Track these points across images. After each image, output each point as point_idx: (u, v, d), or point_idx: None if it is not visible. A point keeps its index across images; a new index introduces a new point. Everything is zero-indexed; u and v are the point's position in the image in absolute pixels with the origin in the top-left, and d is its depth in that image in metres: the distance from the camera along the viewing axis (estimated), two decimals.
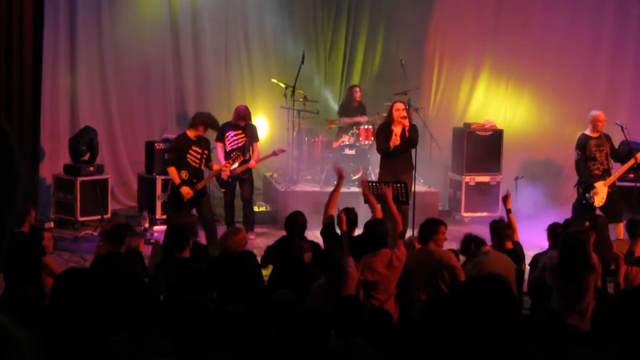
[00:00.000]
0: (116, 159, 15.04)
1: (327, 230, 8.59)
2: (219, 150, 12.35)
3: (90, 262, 8.61)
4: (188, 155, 11.15)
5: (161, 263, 8.32)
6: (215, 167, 11.59)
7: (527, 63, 15.68)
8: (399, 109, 11.55)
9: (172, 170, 11.17)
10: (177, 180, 11.08)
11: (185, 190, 11.03)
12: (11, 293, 7.72)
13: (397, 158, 11.45)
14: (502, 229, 8.46)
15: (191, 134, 11.24)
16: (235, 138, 12.43)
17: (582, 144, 11.60)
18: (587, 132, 11.65)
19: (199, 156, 11.19)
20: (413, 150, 11.55)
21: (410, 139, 11.45)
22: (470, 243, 8.25)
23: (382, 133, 11.68)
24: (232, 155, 12.05)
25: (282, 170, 14.82)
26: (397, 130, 11.50)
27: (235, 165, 11.94)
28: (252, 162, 12.32)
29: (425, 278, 7.73)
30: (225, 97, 15.15)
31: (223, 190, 12.46)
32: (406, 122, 11.42)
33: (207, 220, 11.24)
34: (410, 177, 11.48)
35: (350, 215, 8.68)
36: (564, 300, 7.48)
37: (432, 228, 8.01)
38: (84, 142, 13.42)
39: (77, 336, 3.56)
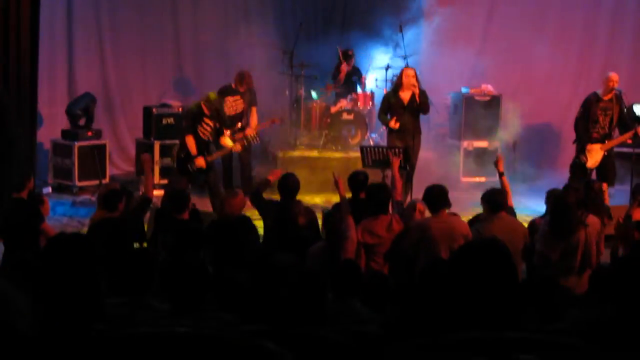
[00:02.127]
0: (114, 124, 15.03)
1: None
2: None
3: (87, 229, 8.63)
4: (200, 128, 11.06)
5: (160, 225, 8.33)
6: (225, 141, 11.35)
7: (526, 26, 15.61)
8: (409, 75, 11.59)
9: (189, 139, 11.00)
10: (194, 152, 10.91)
11: (200, 162, 10.85)
12: (10, 258, 7.73)
13: (407, 124, 11.50)
14: (497, 197, 8.25)
15: (205, 107, 11.11)
16: (234, 103, 12.44)
17: (588, 104, 11.54)
18: (599, 92, 11.58)
19: (209, 129, 11.10)
20: None
21: (422, 105, 11.53)
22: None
23: (387, 102, 11.72)
24: (235, 137, 11.98)
25: (280, 135, 14.78)
26: (405, 95, 11.55)
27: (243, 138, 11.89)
28: (249, 130, 12.29)
29: (445, 247, 7.65)
30: (223, 62, 15.09)
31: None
32: (416, 90, 11.46)
33: (213, 190, 11.15)
34: (419, 142, 11.58)
35: (361, 177, 8.70)
36: (559, 261, 7.50)
37: (444, 196, 7.92)
38: (79, 108, 13.41)
39: (70, 300, 3.57)
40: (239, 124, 12.28)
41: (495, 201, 8.03)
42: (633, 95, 12.86)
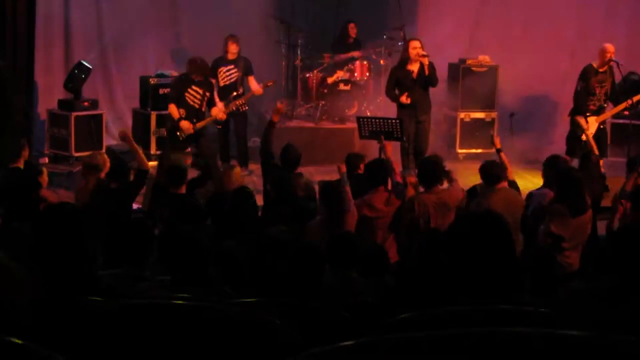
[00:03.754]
0: (111, 93, 14.96)
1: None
2: None
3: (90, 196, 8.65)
4: (186, 94, 11.18)
5: (157, 198, 8.35)
6: (214, 111, 11.52)
7: None
8: (416, 47, 11.56)
9: (171, 107, 11.26)
10: (176, 116, 11.10)
11: (185, 125, 11.04)
12: (7, 229, 7.73)
13: (418, 98, 11.48)
14: (494, 170, 8.28)
15: (192, 74, 11.26)
16: (227, 73, 12.43)
17: (587, 76, 11.54)
18: (595, 64, 11.58)
19: (199, 97, 11.21)
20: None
21: (431, 78, 11.49)
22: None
23: (394, 77, 11.69)
24: (230, 98, 12.03)
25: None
26: (413, 68, 11.52)
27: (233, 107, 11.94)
28: (257, 90, 12.31)
29: (441, 220, 7.70)
30: (220, 31, 15.00)
31: (219, 126, 12.47)
32: (425, 60, 11.44)
33: (207, 157, 11.21)
34: (429, 116, 11.60)
35: (356, 160, 8.77)
36: (571, 238, 7.46)
37: (437, 172, 7.94)
38: (71, 80, 13.34)
39: (65, 271, 3.58)
40: (234, 93, 12.24)
41: (492, 173, 8.06)
42: (630, 66, 12.83)
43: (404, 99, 11.46)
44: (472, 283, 3.33)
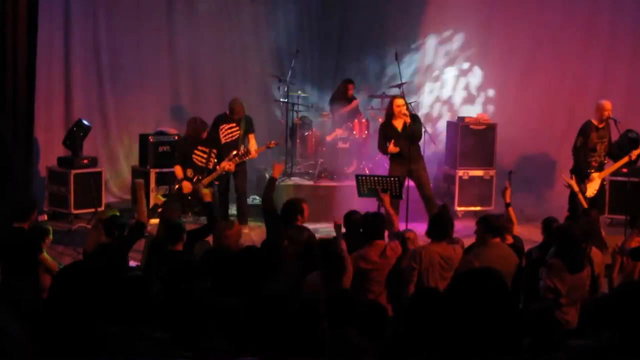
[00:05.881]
0: (110, 151, 15.02)
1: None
2: None
3: (86, 253, 8.62)
4: (194, 155, 11.71)
5: (153, 256, 8.33)
6: (223, 164, 11.80)
7: (521, 57, 15.68)
8: (400, 105, 11.68)
9: (177, 168, 11.83)
10: (180, 176, 11.59)
11: (186, 185, 11.34)
12: (7, 286, 7.72)
13: (404, 150, 11.55)
14: (503, 223, 8.31)
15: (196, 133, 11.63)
16: (229, 131, 12.51)
17: (587, 131, 11.58)
18: (594, 120, 11.64)
19: (205, 156, 11.53)
20: None
21: (414, 132, 11.57)
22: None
23: (383, 131, 11.82)
24: (230, 156, 12.12)
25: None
26: (398, 124, 11.64)
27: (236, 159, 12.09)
28: (252, 153, 12.42)
29: (440, 274, 7.74)
30: (219, 90, 15.15)
31: (217, 182, 12.51)
32: (407, 119, 11.53)
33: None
34: (422, 166, 11.66)
35: (355, 216, 8.76)
36: (568, 294, 7.43)
37: (447, 227, 8.00)
38: (69, 137, 13.40)
39: (74, 330, 3.57)
40: (234, 152, 12.31)
41: (493, 225, 8.03)
42: (627, 123, 12.90)
43: (392, 147, 11.58)
44: (473, 340, 3.33)
